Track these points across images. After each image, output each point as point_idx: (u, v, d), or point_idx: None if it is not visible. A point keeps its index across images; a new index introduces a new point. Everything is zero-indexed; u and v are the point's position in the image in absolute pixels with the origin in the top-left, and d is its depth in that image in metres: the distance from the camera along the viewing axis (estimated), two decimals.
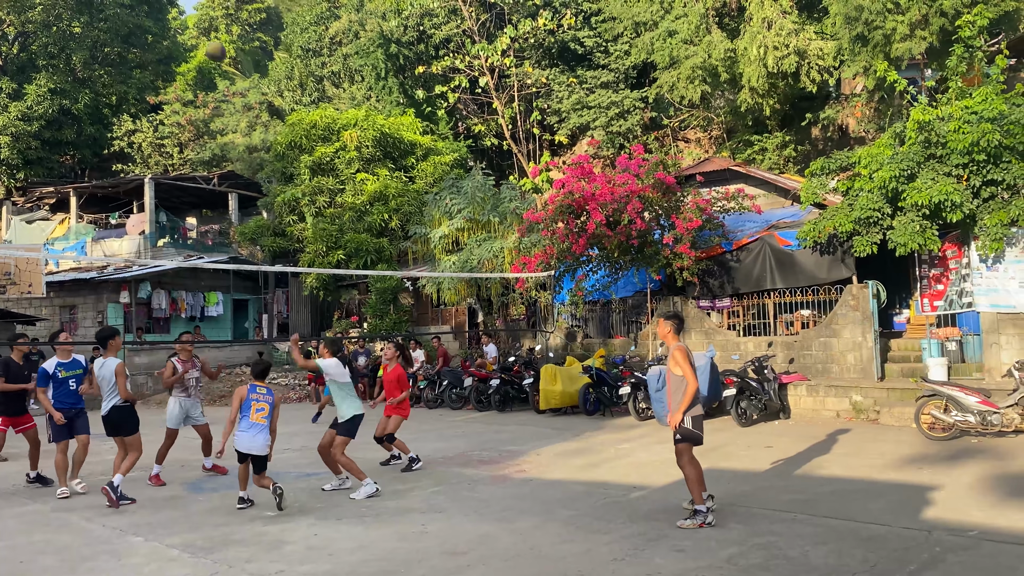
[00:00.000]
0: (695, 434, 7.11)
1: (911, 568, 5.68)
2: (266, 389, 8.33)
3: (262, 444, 8.12)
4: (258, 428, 8.11)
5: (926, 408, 11.14)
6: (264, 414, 8.17)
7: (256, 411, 8.15)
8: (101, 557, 6.60)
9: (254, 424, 8.11)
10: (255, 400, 8.21)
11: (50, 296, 23.72)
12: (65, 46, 34.35)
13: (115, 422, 9.08)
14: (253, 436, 8.09)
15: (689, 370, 6.98)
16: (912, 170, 13.33)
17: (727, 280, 16.89)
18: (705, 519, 6.88)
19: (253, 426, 8.10)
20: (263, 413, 8.17)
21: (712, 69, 20.77)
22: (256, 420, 8.11)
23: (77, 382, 9.52)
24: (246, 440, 8.09)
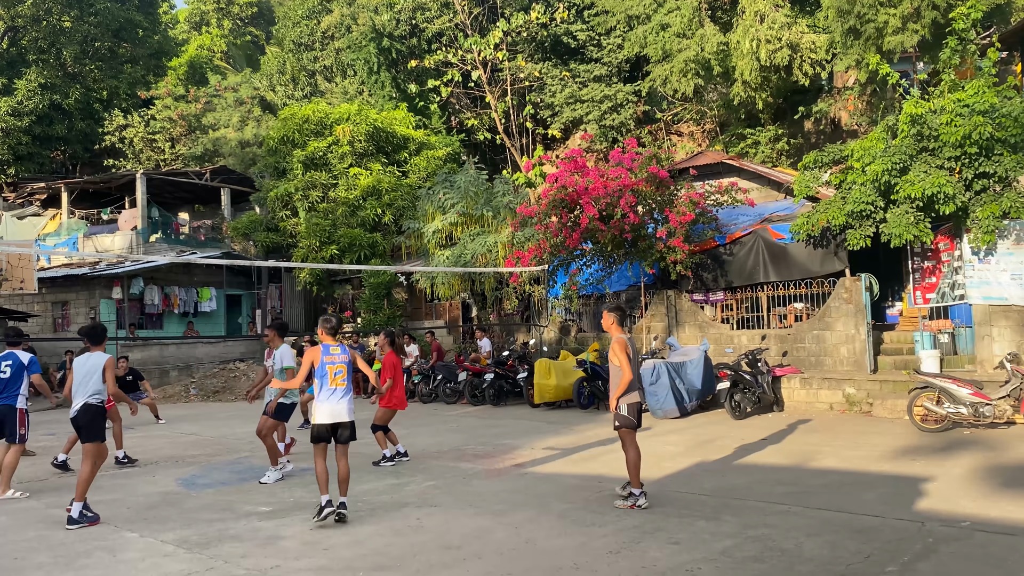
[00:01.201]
0: (630, 420, 7.60)
1: (904, 559, 5.70)
2: (340, 347, 7.45)
3: (347, 409, 7.35)
4: (340, 393, 7.32)
5: (919, 400, 11.19)
6: (343, 376, 7.34)
7: (334, 375, 7.29)
8: (96, 553, 6.59)
9: (335, 390, 7.30)
10: (330, 363, 7.31)
11: (42, 292, 23.64)
12: (55, 41, 34.18)
13: (82, 424, 7.95)
14: (336, 402, 7.28)
15: (625, 361, 7.46)
16: (905, 163, 13.37)
17: (720, 273, 16.93)
18: (636, 501, 7.45)
19: (334, 392, 7.30)
20: (341, 376, 7.34)
21: (705, 62, 20.79)
22: (336, 385, 7.30)
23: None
24: (329, 408, 7.26)
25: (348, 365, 7.40)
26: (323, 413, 7.24)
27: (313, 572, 5.86)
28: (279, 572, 5.90)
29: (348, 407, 7.35)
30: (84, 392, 7.91)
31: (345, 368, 7.36)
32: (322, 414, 7.25)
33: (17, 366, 9.38)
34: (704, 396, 14.13)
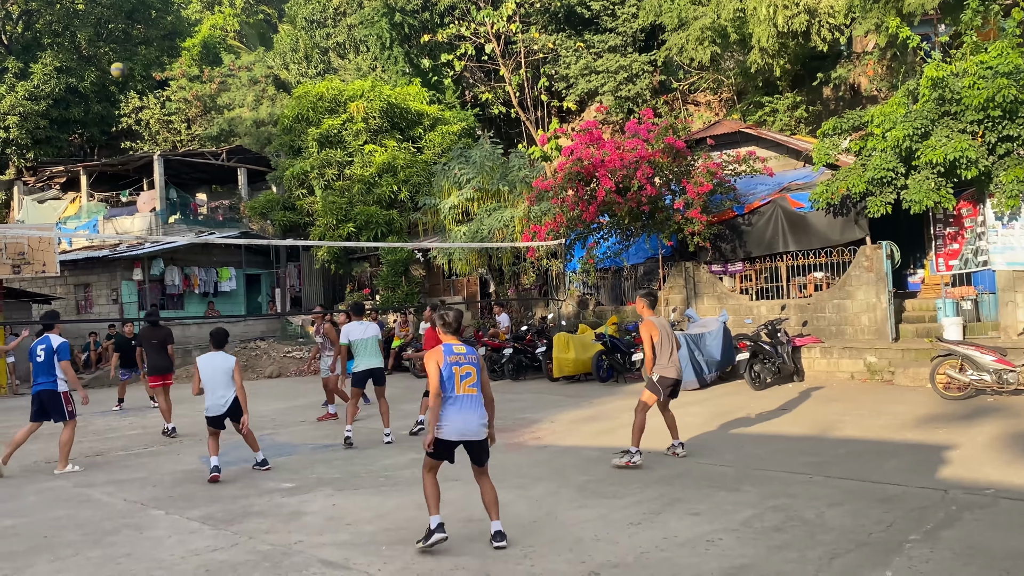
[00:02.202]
0: (655, 387, 8.32)
1: (927, 527, 5.68)
2: (465, 347, 6.00)
3: (478, 424, 5.81)
4: (470, 403, 5.80)
5: (941, 368, 11.10)
6: (472, 381, 5.86)
7: (461, 379, 5.81)
8: (123, 531, 6.69)
9: (463, 398, 5.78)
10: (456, 365, 5.83)
11: (64, 275, 23.86)
12: (69, 24, 34.20)
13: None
14: (466, 415, 5.75)
15: (648, 343, 8.24)
16: (926, 128, 13.15)
17: (739, 244, 16.79)
18: (632, 459, 8.02)
19: (462, 401, 5.77)
20: (470, 380, 5.85)
21: (721, 30, 20.47)
22: (465, 391, 5.80)
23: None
24: (458, 422, 5.74)
25: (478, 367, 5.92)
26: (449, 427, 5.74)
27: (336, 547, 5.93)
28: (303, 547, 5.97)
29: (479, 421, 5.82)
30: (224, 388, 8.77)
31: (475, 371, 5.88)
32: (448, 428, 5.74)
33: (50, 351, 9.55)
34: (723, 367, 14.09)
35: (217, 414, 8.71)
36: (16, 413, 15.93)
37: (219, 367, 8.74)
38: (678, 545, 5.59)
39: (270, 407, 14.74)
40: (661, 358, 8.26)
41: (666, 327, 8.42)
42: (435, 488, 5.85)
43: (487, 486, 5.91)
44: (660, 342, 8.24)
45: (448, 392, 5.76)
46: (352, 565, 5.50)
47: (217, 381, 8.70)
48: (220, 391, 8.69)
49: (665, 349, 8.27)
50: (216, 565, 5.64)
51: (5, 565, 5.93)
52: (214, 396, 8.69)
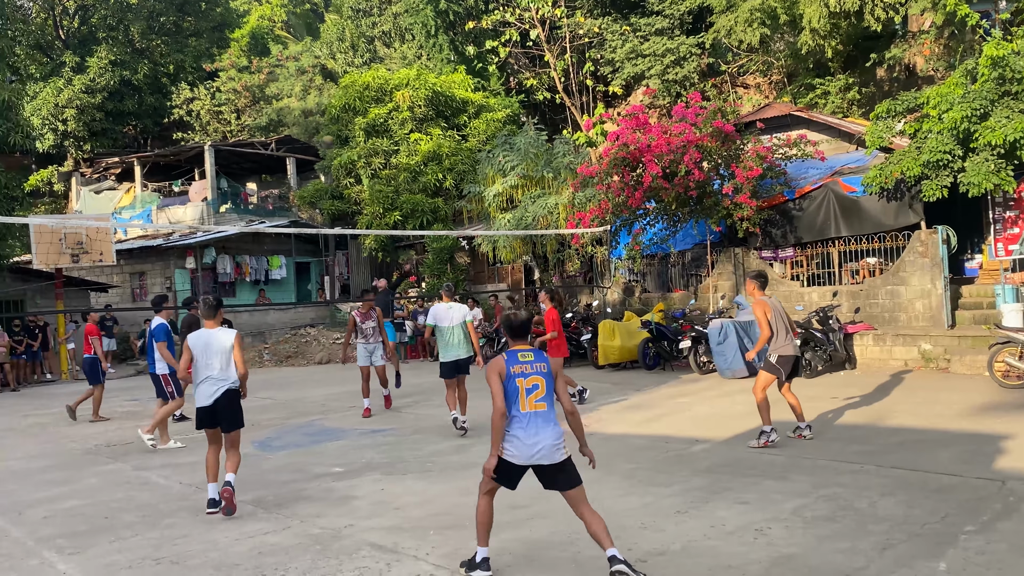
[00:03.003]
0: (775, 368, 8.34)
1: (984, 519, 5.54)
2: (533, 353, 5.04)
3: (551, 445, 4.85)
4: (540, 421, 4.87)
5: (1000, 355, 10.79)
6: (540, 394, 4.92)
7: (527, 392, 4.89)
8: (179, 513, 6.87)
9: (529, 416, 4.87)
10: (520, 376, 4.92)
11: (120, 264, 24.51)
12: (123, 18, 35.00)
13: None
14: (535, 436, 4.84)
15: (764, 321, 8.25)
16: (985, 108, 12.74)
17: (790, 229, 16.51)
18: (768, 438, 8.10)
19: (530, 419, 4.87)
20: (538, 394, 4.92)
21: (771, 11, 20.06)
22: (532, 408, 4.89)
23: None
24: (525, 445, 4.84)
25: (547, 377, 4.99)
26: (514, 450, 4.88)
27: (385, 531, 6.01)
28: (352, 531, 6.06)
29: (551, 441, 4.85)
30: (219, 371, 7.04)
31: (543, 382, 4.95)
32: (512, 451, 4.89)
33: (150, 334, 10.14)
34: None
35: (205, 404, 6.97)
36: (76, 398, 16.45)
37: (214, 343, 7.01)
38: (726, 534, 5.55)
39: (320, 392, 14.98)
40: (777, 338, 8.27)
41: (779, 307, 8.44)
42: (489, 515, 5.08)
43: (588, 515, 4.90)
44: (774, 321, 8.27)
45: (512, 410, 4.88)
46: (401, 549, 5.58)
47: (210, 361, 6.98)
48: (213, 374, 6.98)
49: (781, 328, 8.32)
50: (268, 547, 5.77)
51: (69, 544, 6.14)
52: (206, 382, 7.00)
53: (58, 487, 8.17)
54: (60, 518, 6.93)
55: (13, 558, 5.89)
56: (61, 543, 6.19)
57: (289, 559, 5.49)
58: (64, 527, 6.64)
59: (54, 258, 20.27)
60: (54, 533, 6.48)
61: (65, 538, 6.32)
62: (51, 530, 6.57)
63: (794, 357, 8.42)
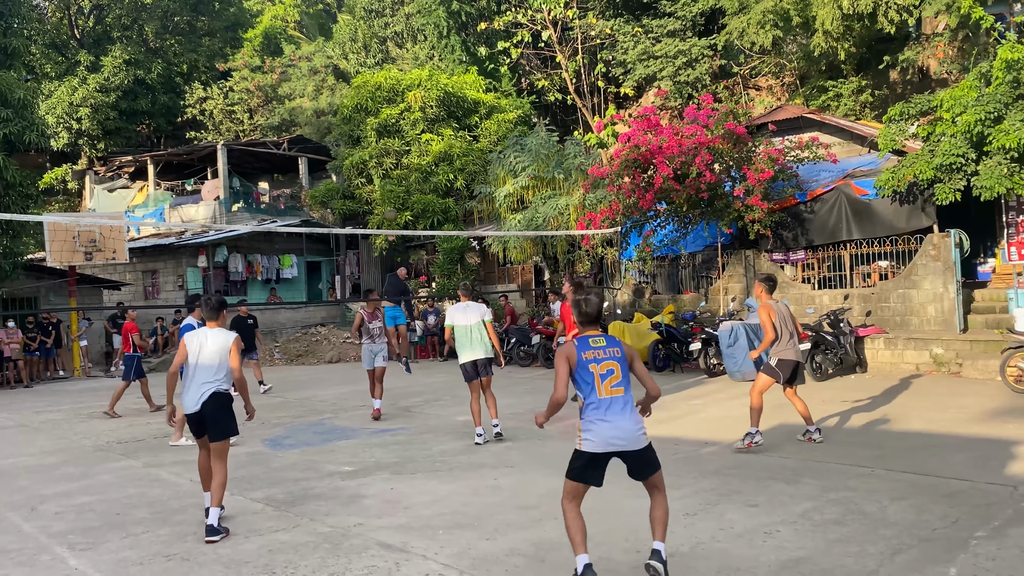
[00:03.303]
0: (774, 372, 8.39)
1: (995, 524, 5.52)
2: (606, 338, 4.88)
3: (633, 431, 4.70)
4: (619, 406, 4.71)
5: (1012, 360, 10.73)
6: (616, 379, 4.75)
7: (601, 378, 4.74)
8: (190, 510, 6.92)
9: (609, 401, 4.71)
10: (593, 361, 4.77)
11: (133, 262, 24.65)
12: (137, 17, 35.22)
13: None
14: (615, 423, 4.67)
15: (768, 324, 8.31)
16: (999, 112, 12.67)
17: (801, 232, 16.46)
18: (753, 439, 8.17)
19: (608, 405, 4.70)
20: (614, 378, 4.75)
21: (784, 13, 20.01)
22: (610, 393, 4.72)
23: None
24: (605, 430, 4.68)
25: (621, 362, 4.81)
26: (594, 438, 4.71)
27: (394, 530, 6.03)
28: (362, 530, 6.09)
29: (633, 427, 4.70)
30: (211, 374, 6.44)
31: (618, 366, 4.78)
32: (593, 439, 4.72)
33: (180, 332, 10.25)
34: None
35: (192, 410, 6.33)
36: (88, 395, 16.59)
37: (212, 344, 6.43)
38: (735, 536, 5.55)
39: (330, 392, 15.04)
40: (780, 341, 8.32)
41: (785, 311, 8.50)
42: (579, 520, 4.79)
43: (659, 499, 4.85)
44: (779, 324, 8.33)
45: (589, 397, 4.73)
46: (410, 548, 5.59)
47: (205, 364, 6.38)
48: (203, 376, 6.36)
49: (785, 332, 8.36)
50: (278, 545, 5.80)
51: (81, 540, 6.19)
52: (195, 384, 6.37)
53: (70, 483, 8.23)
54: (72, 514, 6.99)
55: (25, 553, 5.94)
56: (73, 539, 6.24)
57: (299, 557, 5.52)
58: (76, 523, 6.69)
59: (68, 256, 20.42)
60: (66, 529, 6.53)
61: (77, 534, 6.37)
62: (63, 526, 6.63)
63: (795, 362, 8.41)
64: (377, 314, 11.82)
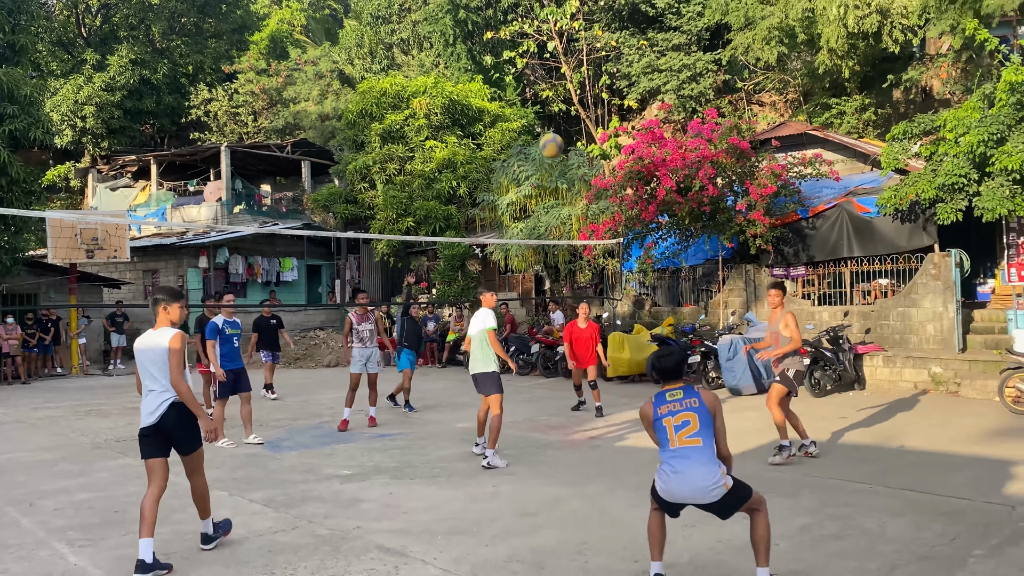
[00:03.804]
0: (790, 383, 8.41)
1: (993, 543, 5.54)
2: (682, 391, 4.83)
3: (704, 486, 4.60)
4: (693, 457, 4.63)
5: (1011, 381, 10.76)
6: (692, 429, 4.68)
7: (675, 429, 4.71)
8: (189, 509, 6.88)
9: (683, 452, 4.65)
10: (668, 416, 4.76)
11: (133, 261, 24.66)
12: (144, 17, 35.34)
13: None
14: (685, 476, 4.61)
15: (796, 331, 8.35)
16: (1002, 133, 12.74)
17: (802, 248, 16.51)
18: (790, 451, 8.17)
19: (682, 456, 4.65)
20: (690, 429, 4.69)
21: (789, 30, 20.10)
22: (684, 443, 4.67)
23: (238, 340, 10.26)
24: (674, 486, 4.65)
25: (700, 412, 4.73)
26: (664, 488, 4.71)
27: (393, 534, 6.04)
28: (361, 533, 6.10)
29: (706, 481, 4.59)
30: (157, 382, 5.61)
31: (696, 417, 4.70)
32: (662, 488, 4.72)
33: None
34: None
35: (147, 423, 5.56)
36: (85, 393, 16.57)
37: (149, 350, 5.58)
38: (733, 549, 5.56)
39: (328, 396, 15.03)
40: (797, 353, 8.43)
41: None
42: (658, 530, 4.86)
43: (760, 520, 4.74)
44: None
45: (663, 449, 4.72)
46: (409, 552, 5.60)
47: (147, 371, 5.59)
48: (154, 387, 5.57)
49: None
50: (278, 546, 5.81)
51: (80, 537, 6.20)
52: (148, 396, 5.60)
53: (68, 479, 8.23)
54: (71, 510, 6.99)
55: (25, 548, 5.94)
56: (72, 535, 6.24)
57: (298, 558, 5.53)
58: (75, 519, 6.70)
59: (69, 253, 20.43)
60: (65, 525, 6.54)
61: (76, 530, 6.37)
62: (62, 522, 6.63)
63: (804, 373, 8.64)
64: (368, 316, 11.31)
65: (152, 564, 5.25)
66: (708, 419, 4.71)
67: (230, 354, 10.11)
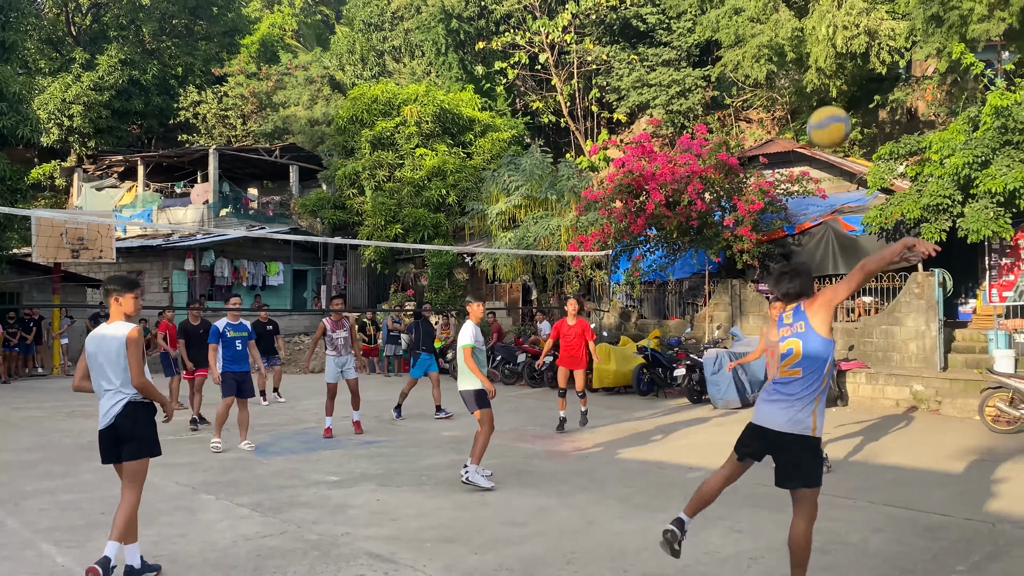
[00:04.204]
0: None
1: (974, 559, 5.63)
2: (792, 312, 4.56)
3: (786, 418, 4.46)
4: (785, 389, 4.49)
5: (991, 400, 10.91)
6: (794, 359, 4.45)
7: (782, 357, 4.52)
8: (176, 512, 6.90)
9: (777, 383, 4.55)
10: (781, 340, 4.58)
11: (118, 262, 24.49)
12: (135, 17, 35.21)
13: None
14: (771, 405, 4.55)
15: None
16: (986, 156, 12.97)
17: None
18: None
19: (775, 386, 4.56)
20: (792, 359, 4.46)
21: (778, 48, 20.39)
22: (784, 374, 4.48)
23: (243, 343, 10.14)
24: (762, 408, 4.59)
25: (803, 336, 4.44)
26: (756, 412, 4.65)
27: (383, 541, 6.06)
28: (350, 539, 6.11)
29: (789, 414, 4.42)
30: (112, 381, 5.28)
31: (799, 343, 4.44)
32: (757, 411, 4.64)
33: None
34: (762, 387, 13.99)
35: (102, 424, 5.29)
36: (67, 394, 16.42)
37: (105, 345, 5.22)
38: (720, 561, 5.62)
39: (313, 401, 14.98)
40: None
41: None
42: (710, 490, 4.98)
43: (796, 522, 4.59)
44: None
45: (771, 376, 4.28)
46: (399, 559, 5.62)
47: (101, 369, 5.24)
48: (108, 387, 5.25)
49: None
50: (267, 551, 5.81)
51: (66, 538, 6.17)
52: (103, 396, 5.29)
53: (54, 480, 8.18)
54: (57, 511, 6.96)
55: (10, 548, 5.91)
56: (59, 536, 6.22)
57: (288, 563, 5.53)
58: (61, 520, 6.66)
59: (54, 252, 20.27)
60: (51, 526, 6.51)
61: (62, 531, 6.34)
62: (48, 523, 6.60)
63: None
64: (343, 323, 10.95)
65: (140, 568, 5.24)
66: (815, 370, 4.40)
67: (233, 357, 10.01)
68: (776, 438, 4.49)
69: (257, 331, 14.21)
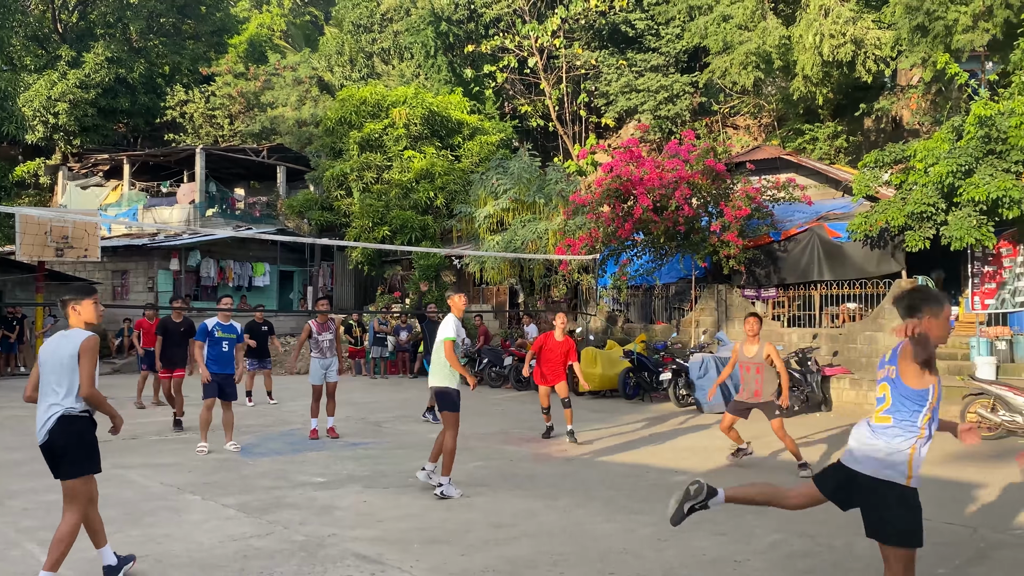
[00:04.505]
0: (784, 412, 9.03)
1: (956, 563, 5.70)
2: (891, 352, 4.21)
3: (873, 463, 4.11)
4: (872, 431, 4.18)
5: (972, 407, 11.04)
6: (886, 406, 4.14)
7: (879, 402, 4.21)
8: (161, 512, 6.88)
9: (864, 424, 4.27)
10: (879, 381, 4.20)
11: (103, 261, 24.33)
12: (122, 15, 35.00)
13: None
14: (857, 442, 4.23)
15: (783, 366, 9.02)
16: (970, 165, 13.11)
17: (774, 270, 16.80)
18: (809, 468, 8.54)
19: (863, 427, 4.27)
20: (884, 405, 4.14)
21: (766, 56, 20.53)
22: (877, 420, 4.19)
23: (230, 345, 10.05)
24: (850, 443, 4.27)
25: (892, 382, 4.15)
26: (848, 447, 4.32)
27: (369, 542, 6.06)
28: (336, 540, 6.11)
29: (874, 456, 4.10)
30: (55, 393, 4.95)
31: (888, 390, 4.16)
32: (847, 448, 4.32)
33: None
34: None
35: (41, 440, 4.95)
36: None
37: (57, 353, 4.96)
38: (705, 563, 5.66)
39: (299, 402, 14.93)
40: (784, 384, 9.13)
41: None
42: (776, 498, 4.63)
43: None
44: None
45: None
46: (386, 560, 5.63)
47: (49, 378, 4.95)
48: (49, 398, 4.93)
49: None
50: (253, 552, 5.80)
51: (51, 537, 6.11)
52: (42, 405, 4.97)
53: (37, 480, 8.10)
54: (41, 511, 6.91)
55: None
56: (43, 536, 6.17)
57: (274, 564, 5.53)
58: (46, 520, 6.62)
59: (38, 250, 20.10)
60: (35, 525, 6.47)
61: (47, 531, 6.28)
62: (32, 522, 6.56)
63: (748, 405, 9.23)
64: (329, 326, 10.85)
65: (117, 565, 5.22)
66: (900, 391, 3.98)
67: (218, 358, 9.94)
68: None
69: (252, 332, 14.23)
